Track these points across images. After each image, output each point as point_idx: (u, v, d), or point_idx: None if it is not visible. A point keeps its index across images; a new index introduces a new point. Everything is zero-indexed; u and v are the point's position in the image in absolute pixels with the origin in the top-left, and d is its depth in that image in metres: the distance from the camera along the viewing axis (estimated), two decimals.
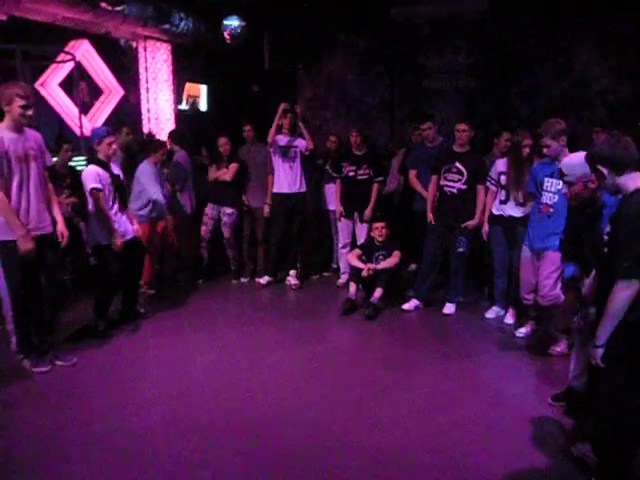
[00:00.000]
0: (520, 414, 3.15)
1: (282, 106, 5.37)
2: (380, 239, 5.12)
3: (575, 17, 7.13)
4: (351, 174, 5.43)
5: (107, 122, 6.08)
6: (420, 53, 8.00)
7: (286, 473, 2.60)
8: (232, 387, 3.48)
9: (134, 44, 6.68)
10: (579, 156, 2.77)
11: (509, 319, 4.69)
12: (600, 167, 2.30)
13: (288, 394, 3.40)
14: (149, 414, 3.13)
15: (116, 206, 4.22)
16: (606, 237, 2.32)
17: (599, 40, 7.21)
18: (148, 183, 4.96)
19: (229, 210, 5.68)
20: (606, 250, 2.31)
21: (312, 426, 3.02)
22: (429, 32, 7.90)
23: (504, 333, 4.47)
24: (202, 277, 5.80)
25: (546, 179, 3.89)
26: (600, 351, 2.26)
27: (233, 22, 7.31)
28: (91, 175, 4.06)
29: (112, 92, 6.31)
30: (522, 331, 4.37)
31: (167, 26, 6.34)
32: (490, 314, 4.80)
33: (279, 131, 5.43)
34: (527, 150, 4.35)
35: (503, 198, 4.52)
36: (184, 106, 7.36)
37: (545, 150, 3.80)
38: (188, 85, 7.38)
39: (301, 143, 5.48)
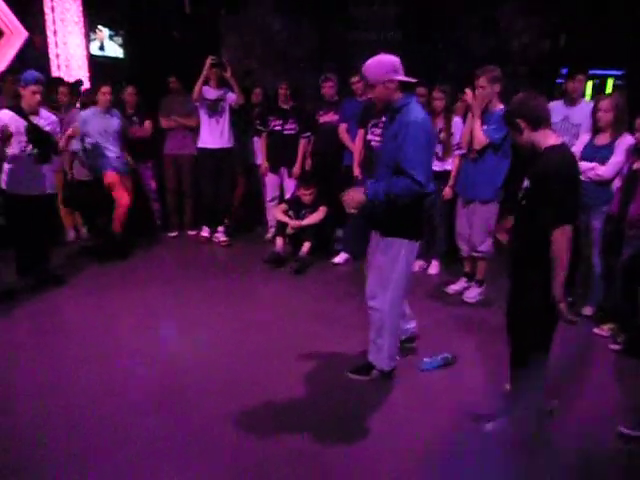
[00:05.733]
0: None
1: (209, 60, 5.08)
2: (308, 203, 5.09)
3: None
4: (277, 128, 5.30)
5: (10, 68, 5.55)
6: (348, 3, 7.81)
7: (222, 432, 2.59)
8: (159, 347, 3.41)
9: None
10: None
11: (432, 270, 4.87)
12: (519, 121, 2.39)
13: (217, 351, 3.38)
14: (77, 377, 3.01)
15: (28, 157, 3.94)
16: (523, 191, 2.43)
17: None
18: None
19: (149, 163, 5.58)
20: (524, 202, 2.43)
21: (243, 382, 3.02)
22: None
23: (429, 285, 4.62)
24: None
25: None
26: (563, 305, 2.32)
27: None
28: None
29: (14, 34, 5.73)
30: (453, 288, 4.40)
31: None
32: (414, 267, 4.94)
33: (206, 84, 5.18)
34: (437, 104, 4.41)
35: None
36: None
37: (479, 90, 3.83)
38: None
39: (230, 97, 5.25)
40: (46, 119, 4.08)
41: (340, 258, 5.08)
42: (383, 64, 2.69)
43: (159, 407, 2.76)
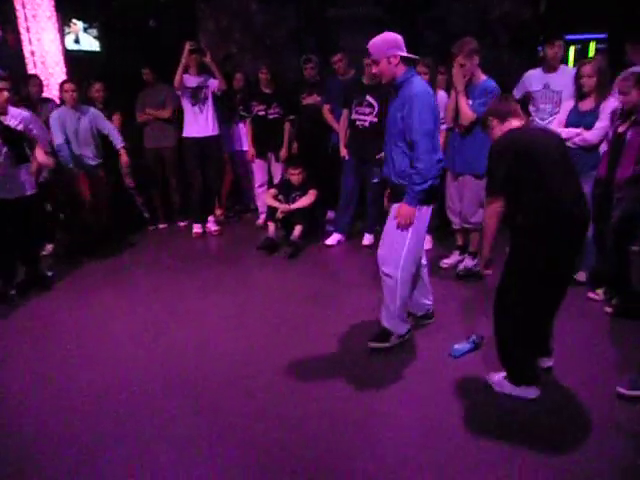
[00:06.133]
0: (438, 339, 3.34)
1: (187, 45, 4.92)
2: (297, 184, 5.07)
3: None
4: (261, 113, 5.25)
5: None
6: None
7: (224, 421, 2.62)
8: (158, 340, 3.41)
9: None
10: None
11: (426, 245, 4.86)
12: (490, 119, 2.70)
13: (214, 339, 3.39)
14: (72, 381, 3.01)
15: (4, 160, 3.81)
16: None
17: None
18: (53, 129, 4.68)
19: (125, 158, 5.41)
20: None
21: (241, 366, 3.03)
22: None
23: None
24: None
25: None
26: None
27: None
28: None
29: None
30: (446, 262, 4.44)
31: None
32: None
33: (185, 72, 5.06)
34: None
35: None
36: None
37: (457, 69, 3.80)
38: None
39: (212, 83, 5.14)
40: (16, 117, 3.92)
41: (332, 239, 5.09)
42: (386, 41, 2.83)
43: (163, 398, 2.78)
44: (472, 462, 2.27)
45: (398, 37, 2.86)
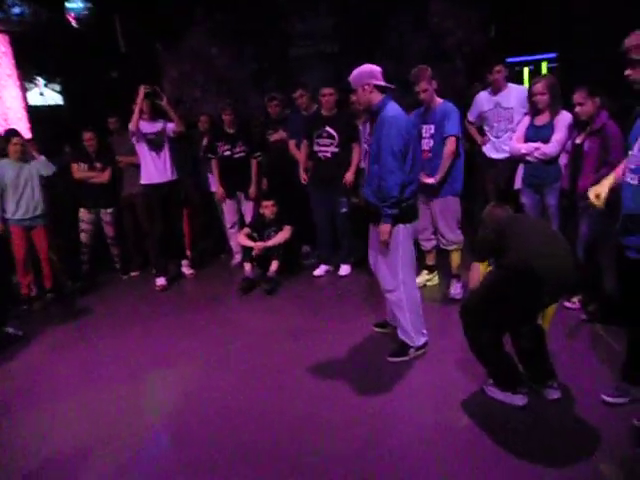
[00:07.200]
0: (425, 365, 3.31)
1: (142, 89, 4.81)
2: (271, 216, 5.06)
3: None
4: (227, 153, 5.25)
5: None
6: (282, 20, 7.89)
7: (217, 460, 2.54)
8: (140, 388, 3.31)
9: None
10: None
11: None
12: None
13: (198, 384, 3.31)
14: (60, 440, 2.89)
15: None
16: None
17: None
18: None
19: (110, 209, 5.41)
20: None
21: (229, 411, 2.96)
22: None
23: None
24: (83, 283, 5.38)
25: (423, 126, 3.99)
26: None
27: (77, 4, 6.75)
28: None
29: None
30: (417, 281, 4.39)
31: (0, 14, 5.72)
32: None
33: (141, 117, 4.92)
34: (354, 107, 4.64)
35: None
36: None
37: (422, 95, 3.89)
38: None
39: (168, 127, 5.06)
40: None
41: (320, 271, 5.09)
42: (361, 71, 3.12)
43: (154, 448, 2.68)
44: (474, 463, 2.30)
45: (374, 68, 3.13)
